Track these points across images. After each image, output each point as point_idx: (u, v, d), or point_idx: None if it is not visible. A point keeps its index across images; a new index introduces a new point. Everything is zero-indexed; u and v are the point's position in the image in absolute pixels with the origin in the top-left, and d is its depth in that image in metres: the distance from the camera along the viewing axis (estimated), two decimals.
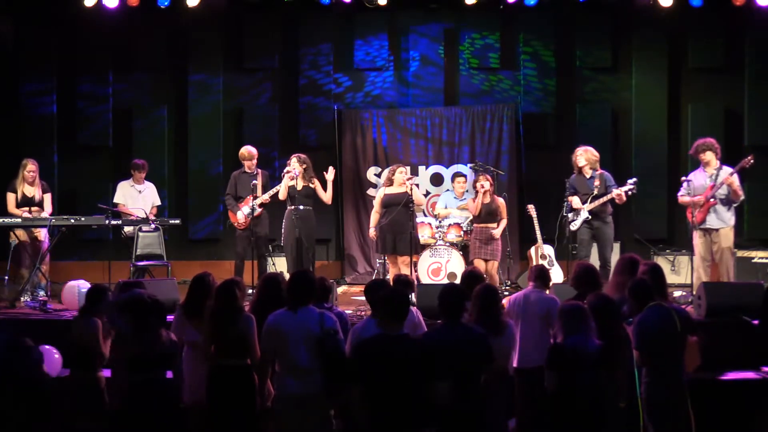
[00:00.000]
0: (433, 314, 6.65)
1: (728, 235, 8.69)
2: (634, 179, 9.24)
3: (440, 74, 11.80)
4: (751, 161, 8.63)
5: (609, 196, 9.07)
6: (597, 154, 9.32)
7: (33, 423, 5.31)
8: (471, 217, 9.89)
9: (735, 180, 8.57)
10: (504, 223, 9.59)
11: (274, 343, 5.33)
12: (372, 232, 9.61)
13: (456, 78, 11.84)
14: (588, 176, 9.23)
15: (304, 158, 9.50)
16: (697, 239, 8.75)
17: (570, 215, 9.26)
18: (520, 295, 6.29)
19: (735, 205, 8.74)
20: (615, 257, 8.98)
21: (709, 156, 8.71)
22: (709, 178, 8.69)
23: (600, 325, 5.50)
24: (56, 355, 7.16)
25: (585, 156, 9.26)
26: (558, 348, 5.40)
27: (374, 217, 9.57)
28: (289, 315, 5.33)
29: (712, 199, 8.62)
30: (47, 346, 7.07)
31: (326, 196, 9.52)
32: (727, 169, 8.64)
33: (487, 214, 9.48)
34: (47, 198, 9.50)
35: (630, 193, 9.14)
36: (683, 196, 8.83)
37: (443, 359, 4.98)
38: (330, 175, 9.47)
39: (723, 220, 8.67)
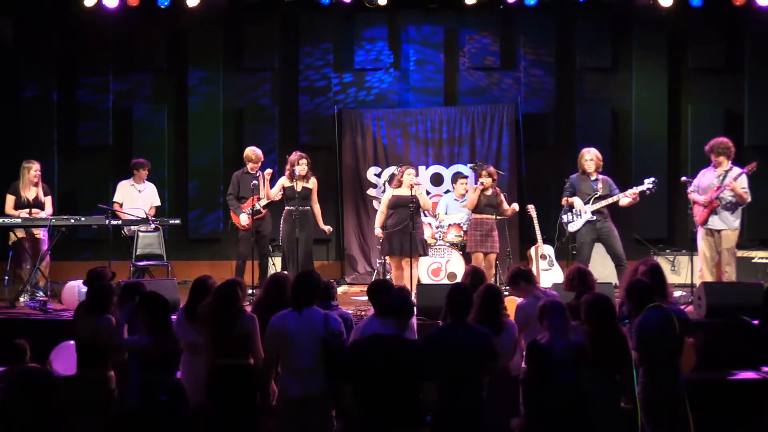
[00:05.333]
0: (433, 314, 6.66)
1: (730, 237, 8.65)
2: (653, 178, 9.08)
3: (440, 74, 11.80)
4: (754, 169, 8.59)
5: (615, 198, 8.95)
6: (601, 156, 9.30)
7: (37, 422, 5.29)
8: (471, 216, 9.87)
9: (738, 185, 8.52)
10: (513, 207, 9.63)
11: (278, 343, 5.30)
12: (378, 231, 9.49)
13: (456, 78, 11.84)
14: (593, 178, 9.17)
15: (306, 158, 9.46)
16: (702, 239, 8.73)
17: (567, 216, 9.14)
18: (534, 300, 6.24)
19: (741, 207, 8.68)
20: None
21: (722, 158, 8.67)
22: (717, 179, 8.66)
23: (595, 325, 5.51)
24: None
25: (595, 162, 9.12)
26: (533, 344, 5.41)
27: (380, 217, 9.45)
28: (294, 316, 5.29)
29: (715, 200, 8.60)
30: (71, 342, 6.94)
31: (317, 206, 9.53)
32: (735, 170, 8.60)
33: (487, 206, 9.44)
34: (48, 201, 9.44)
35: (648, 192, 9.06)
36: (692, 193, 8.81)
37: (446, 357, 5.01)
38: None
39: (726, 222, 8.64)
